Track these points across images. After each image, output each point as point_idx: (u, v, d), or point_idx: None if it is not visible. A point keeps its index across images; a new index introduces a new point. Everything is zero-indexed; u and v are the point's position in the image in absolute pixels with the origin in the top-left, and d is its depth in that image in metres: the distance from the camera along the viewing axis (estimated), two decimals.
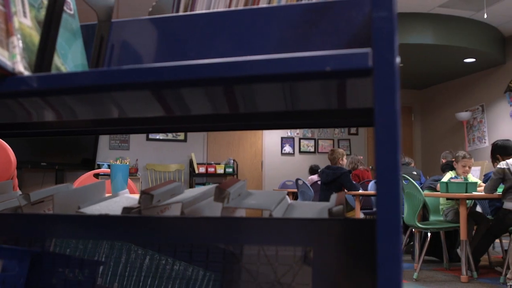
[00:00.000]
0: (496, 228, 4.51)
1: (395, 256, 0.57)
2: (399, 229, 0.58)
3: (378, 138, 0.59)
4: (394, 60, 0.59)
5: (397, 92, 0.59)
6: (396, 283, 0.57)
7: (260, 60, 0.62)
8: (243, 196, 1.05)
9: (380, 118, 0.59)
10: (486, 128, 8.93)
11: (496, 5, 6.99)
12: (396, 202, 0.58)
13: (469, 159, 5.04)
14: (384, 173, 0.59)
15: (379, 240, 0.58)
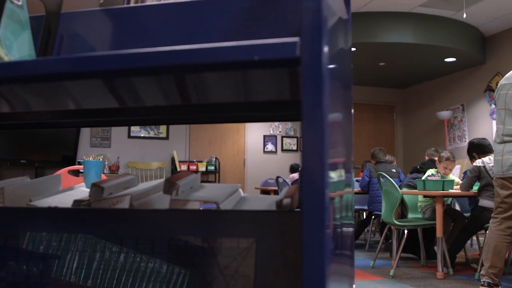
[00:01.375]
0: (472, 225, 4.56)
1: (319, 247, 0.57)
2: (324, 220, 0.58)
3: (305, 131, 0.59)
4: (322, 50, 0.59)
5: (324, 83, 0.59)
6: (319, 274, 0.57)
7: (186, 50, 0.62)
8: (195, 189, 1.05)
9: (307, 110, 0.59)
10: (466, 127, 9.01)
11: (476, 5, 7.05)
12: (321, 196, 0.58)
13: (452, 162, 5.08)
14: (311, 165, 0.59)
15: (305, 231, 0.58)
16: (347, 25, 1.01)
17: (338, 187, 0.75)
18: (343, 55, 0.91)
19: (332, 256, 0.66)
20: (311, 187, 0.58)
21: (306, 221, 0.58)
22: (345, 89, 0.95)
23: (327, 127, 0.59)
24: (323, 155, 0.58)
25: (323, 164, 0.58)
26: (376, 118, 10.79)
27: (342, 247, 0.83)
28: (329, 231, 0.60)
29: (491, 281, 3.60)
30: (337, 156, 0.75)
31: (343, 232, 0.86)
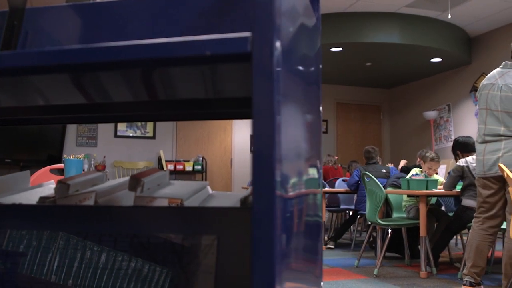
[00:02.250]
0: (455, 225, 4.59)
1: (268, 243, 0.57)
2: (273, 218, 0.58)
3: (255, 129, 0.59)
4: (273, 45, 0.59)
5: (275, 79, 0.59)
6: (268, 269, 0.57)
7: (138, 45, 0.62)
8: (162, 186, 1.04)
9: (257, 107, 0.59)
10: (452, 127, 9.07)
11: (461, 6, 7.09)
12: (271, 194, 0.58)
13: (436, 163, 5.10)
14: (260, 164, 0.58)
15: (254, 228, 0.58)
16: (314, 24, 1.01)
17: (297, 186, 0.75)
18: (307, 54, 0.91)
19: (287, 253, 0.66)
20: (260, 186, 0.58)
21: (255, 219, 0.58)
22: (310, 87, 0.95)
23: (277, 125, 0.59)
24: (273, 153, 0.58)
25: (273, 163, 0.58)
26: (363, 118, 10.83)
27: (303, 245, 0.83)
28: (278, 229, 0.59)
29: (473, 280, 3.62)
30: (297, 155, 0.75)
31: (306, 231, 0.86)
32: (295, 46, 0.76)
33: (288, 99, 0.69)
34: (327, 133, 10.42)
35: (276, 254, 0.57)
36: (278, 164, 0.59)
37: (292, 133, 0.72)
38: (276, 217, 0.58)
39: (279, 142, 0.60)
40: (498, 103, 3.43)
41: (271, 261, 0.57)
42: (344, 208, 7.21)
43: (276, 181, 0.58)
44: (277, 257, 0.58)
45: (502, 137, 3.38)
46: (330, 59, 8.49)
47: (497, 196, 3.51)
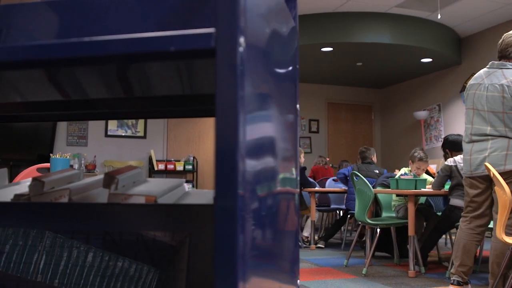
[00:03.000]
0: (443, 224, 4.61)
1: (230, 241, 0.57)
2: (235, 216, 0.57)
3: (217, 126, 0.59)
4: (237, 41, 0.59)
5: (239, 75, 0.59)
6: (230, 265, 0.57)
7: (100, 41, 0.62)
8: (138, 183, 1.04)
9: (219, 104, 0.59)
10: (442, 127, 9.10)
11: (450, 6, 7.12)
12: (233, 191, 0.57)
13: (425, 162, 5.12)
14: (222, 161, 0.58)
15: (215, 225, 0.58)
16: (289, 23, 1.01)
17: (266, 185, 0.74)
18: (281, 52, 0.91)
19: (253, 251, 0.66)
20: (222, 184, 0.58)
21: (216, 217, 0.58)
22: (285, 86, 0.95)
23: (241, 122, 0.59)
24: (236, 151, 0.58)
25: (235, 160, 0.58)
26: (354, 118, 10.86)
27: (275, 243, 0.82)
28: (241, 227, 0.59)
29: (461, 279, 3.64)
30: (267, 153, 0.74)
31: (279, 230, 0.86)
32: (265, 43, 0.76)
33: (256, 97, 0.69)
34: (318, 133, 10.43)
35: (238, 252, 0.57)
36: (241, 161, 0.58)
37: (261, 131, 0.72)
38: (239, 215, 0.58)
39: (243, 140, 0.59)
40: (485, 103, 3.45)
41: (233, 259, 0.57)
42: (335, 208, 7.22)
43: (239, 178, 0.58)
44: (240, 255, 0.58)
45: (489, 136, 3.40)
46: (321, 59, 8.50)
47: (484, 196, 3.53)
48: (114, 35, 0.63)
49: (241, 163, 0.59)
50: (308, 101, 10.36)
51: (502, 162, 3.30)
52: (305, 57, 8.40)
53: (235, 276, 0.57)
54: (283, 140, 0.89)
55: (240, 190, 0.58)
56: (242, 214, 0.59)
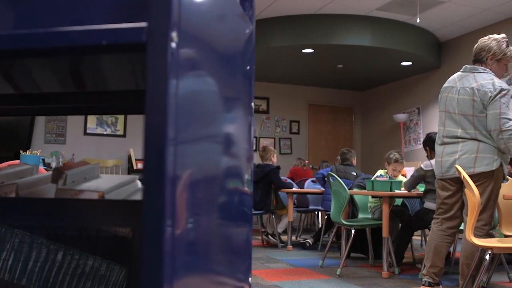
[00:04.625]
0: (415, 224, 4.66)
1: (157, 237, 0.57)
2: (163, 212, 0.57)
3: (146, 123, 0.59)
4: (168, 36, 0.59)
5: (170, 71, 0.59)
6: (156, 258, 0.57)
7: (34, 34, 0.61)
8: (89, 179, 1.04)
9: (150, 99, 0.59)
10: (421, 130, 9.18)
11: (430, 11, 7.19)
12: (160, 189, 0.57)
13: (400, 164, 5.16)
14: (151, 158, 0.58)
15: (144, 221, 0.58)
16: (243, 22, 1.01)
17: (205, 184, 0.75)
18: (232, 50, 0.91)
19: (187, 248, 0.66)
20: (150, 181, 0.58)
21: (143, 214, 0.58)
22: (236, 84, 0.95)
23: (170, 120, 0.59)
24: (164, 150, 0.58)
25: (163, 159, 0.58)
26: (334, 120, 10.91)
27: (219, 241, 0.83)
28: (169, 224, 0.59)
29: (432, 280, 3.67)
30: (204, 151, 0.74)
31: (222, 228, 0.86)
32: (209, 40, 0.76)
33: (194, 94, 0.69)
34: (299, 134, 10.47)
35: (165, 249, 0.57)
36: (170, 159, 0.58)
37: (199, 128, 0.72)
38: (167, 212, 0.58)
39: (174, 138, 0.59)
40: (456, 105, 3.49)
41: (159, 255, 0.57)
42: (313, 209, 7.25)
43: (167, 176, 0.58)
44: (167, 252, 0.58)
45: (459, 139, 3.45)
46: (302, 60, 8.53)
47: (455, 198, 3.57)
48: (46, 28, 0.62)
49: (170, 161, 0.58)
50: (289, 102, 10.39)
51: (472, 164, 3.35)
52: (286, 58, 8.42)
53: (161, 273, 0.57)
54: (230, 138, 0.90)
55: (168, 187, 0.58)
56: (171, 211, 0.59)
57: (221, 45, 0.84)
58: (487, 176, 3.35)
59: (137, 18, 0.62)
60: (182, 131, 0.63)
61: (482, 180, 3.33)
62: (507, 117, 3.32)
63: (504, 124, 3.30)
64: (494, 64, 3.50)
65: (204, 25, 0.73)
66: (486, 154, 3.34)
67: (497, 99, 3.33)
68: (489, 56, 3.49)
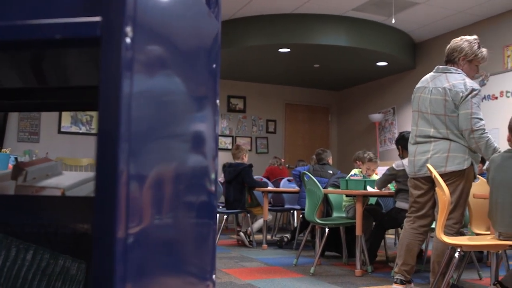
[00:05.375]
0: (388, 223, 4.71)
1: (109, 231, 0.57)
2: (115, 209, 0.57)
3: (99, 120, 0.58)
4: (123, 30, 0.59)
5: (123, 66, 0.58)
6: (108, 252, 0.56)
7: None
8: (51, 176, 1.02)
9: (103, 95, 0.58)
10: (396, 130, 9.27)
11: (405, 12, 7.27)
12: (112, 188, 0.57)
13: (374, 163, 5.21)
14: (103, 155, 0.58)
15: (96, 216, 0.57)
16: (207, 20, 1.01)
17: (164, 183, 0.74)
18: (194, 47, 0.91)
19: (143, 245, 0.66)
20: (102, 180, 0.57)
21: (95, 211, 0.57)
22: (198, 81, 0.95)
23: (123, 117, 0.58)
24: (116, 146, 0.57)
25: (115, 156, 0.57)
26: (311, 119, 10.95)
27: (179, 239, 0.82)
28: (123, 221, 0.58)
29: (404, 278, 3.72)
30: (165, 150, 0.74)
31: (183, 225, 0.85)
32: (169, 37, 0.75)
33: (152, 90, 0.69)
34: (275, 133, 10.49)
35: (117, 245, 0.57)
36: (123, 156, 0.58)
37: (158, 125, 0.72)
38: (118, 209, 0.57)
39: (127, 135, 0.59)
40: (428, 105, 3.54)
41: (110, 254, 0.56)
42: (288, 208, 7.27)
43: (119, 172, 0.57)
44: (119, 251, 0.57)
45: (432, 138, 3.49)
46: (278, 59, 8.55)
47: (427, 196, 3.61)
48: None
49: (122, 158, 0.58)
50: (265, 101, 10.40)
51: (443, 163, 3.39)
52: (262, 57, 8.43)
53: (113, 271, 0.56)
54: (192, 135, 0.89)
55: (120, 184, 0.58)
56: (125, 209, 0.59)
57: (182, 41, 0.84)
58: (458, 175, 3.40)
59: (93, 12, 0.62)
60: (137, 127, 0.63)
61: (453, 179, 3.39)
62: (478, 117, 3.38)
63: (475, 124, 3.35)
64: (466, 65, 3.55)
65: (163, 21, 0.73)
66: (457, 153, 3.39)
67: (469, 99, 3.38)
68: (461, 57, 3.55)
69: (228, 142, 9.98)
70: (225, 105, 10.06)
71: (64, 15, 0.62)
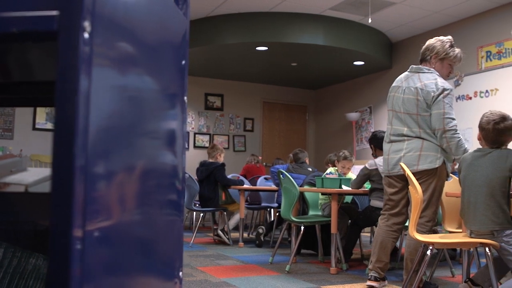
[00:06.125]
0: (362, 222, 4.75)
1: (64, 229, 0.56)
2: (70, 205, 0.56)
3: (56, 117, 0.57)
4: (80, 25, 0.58)
5: (81, 61, 0.58)
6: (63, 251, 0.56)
7: None
8: (15, 172, 1.01)
9: (60, 91, 0.57)
10: (373, 129, 9.34)
11: (382, 11, 7.33)
12: (68, 184, 0.56)
13: (349, 161, 5.24)
14: (59, 152, 0.57)
15: (51, 214, 0.56)
16: (174, 16, 1.00)
17: (126, 179, 0.74)
18: (158, 43, 0.91)
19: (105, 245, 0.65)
20: (58, 177, 0.57)
21: (53, 208, 0.56)
22: (164, 77, 0.94)
23: (81, 113, 0.57)
24: (73, 142, 0.56)
25: (71, 152, 0.56)
26: (288, 118, 10.98)
27: (140, 237, 0.82)
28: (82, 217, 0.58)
29: (378, 275, 3.75)
30: (122, 146, 0.73)
31: (147, 223, 0.85)
32: (131, 32, 0.75)
33: (113, 86, 0.68)
34: (253, 132, 10.49)
35: (73, 243, 0.56)
36: (80, 152, 0.57)
37: (121, 121, 0.71)
38: (75, 207, 0.57)
39: (86, 130, 0.58)
40: (401, 105, 3.58)
41: (65, 249, 0.56)
42: (265, 206, 7.28)
43: (76, 171, 0.57)
44: (75, 249, 0.56)
45: (405, 137, 3.53)
46: (256, 58, 8.55)
47: (401, 194, 3.65)
48: None
49: (79, 154, 0.57)
50: (243, 99, 10.40)
51: (415, 162, 3.43)
52: (240, 55, 8.43)
53: (69, 269, 0.56)
54: (157, 131, 0.89)
55: (77, 182, 0.57)
56: (82, 206, 0.58)
57: (147, 37, 0.83)
58: (430, 173, 3.44)
59: (51, 6, 0.61)
60: (97, 123, 0.62)
61: (425, 177, 3.43)
62: (450, 116, 3.42)
63: (447, 124, 3.40)
64: (438, 63, 3.60)
65: (126, 16, 0.72)
66: (429, 152, 3.44)
67: (440, 99, 3.42)
68: (433, 55, 3.59)
69: (206, 140, 9.96)
70: (203, 103, 10.03)
71: (21, 8, 0.61)
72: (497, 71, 6.94)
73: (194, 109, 9.91)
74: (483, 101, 7.10)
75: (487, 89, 7.08)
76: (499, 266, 3.07)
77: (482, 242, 2.95)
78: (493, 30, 7.05)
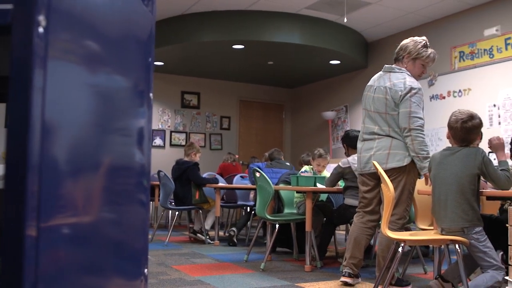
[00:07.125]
0: (337, 220, 4.78)
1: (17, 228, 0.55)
2: (24, 199, 0.56)
3: (8, 114, 0.56)
4: (34, 19, 0.57)
5: (35, 57, 0.57)
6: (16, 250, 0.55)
7: None
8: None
9: (13, 88, 0.57)
10: (349, 128, 9.41)
11: (357, 11, 7.38)
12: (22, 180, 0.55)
13: (324, 159, 5.27)
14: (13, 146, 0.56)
15: (4, 212, 0.56)
16: (138, 12, 0.99)
17: (85, 176, 0.73)
18: (121, 39, 0.90)
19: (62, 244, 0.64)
20: (11, 173, 0.56)
21: (6, 204, 0.56)
22: (126, 75, 0.94)
23: (34, 109, 0.56)
24: (26, 139, 0.56)
25: (25, 149, 0.56)
26: (265, 116, 11.00)
27: (101, 235, 0.81)
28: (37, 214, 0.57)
29: (352, 271, 3.79)
30: (79, 143, 0.72)
31: (108, 220, 0.84)
32: (91, 28, 0.74)
33: (70, 82, 0.67)
34: (230, 130, 10.48)
35: (26, 242, 0.55)
36: (34, 148, 0.56)
37: (79, 117, 0.70)
38: (29, 202, 0.56)
39: (41, 126, 0.57)
40: (371, 103, 3.63)
41: (18, 249, 0.55)
42: (241, 204, 7.28)
43: (29, 166, 0.56)
44: (28, 247, 0.56)
45: (376, 135, 3.58)
46: (232, 56, 8.54)
47: (373, 192, 3.69)
48: None
49: (33, 151, 0.56)
50: (220, 98, 10.38)
51: (384, 160, 3.47)
52: (216, 53, 8.40)
53: (21, 268, 0.55)
54: (118, 129, 0.88)
55: (30, 179, 0.56)
56: (36, 203, 0.57)
57: (109, 33, 0.83)
58: (399, 171, 3.48)
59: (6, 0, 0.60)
60: (53, 120, 0.61)
61: (394, 175, 3.46)
62: (417, 115, 3.46)
63: (413, 123, 3.44)
64: (410, 63, 3.64)
65: (85, 10, 0.71)
66: (398, 150, 3.48)
67: (408, 98, 3.47)
68: (405, 55, 3.64)
69: (182, 138, 9.92)
70: (179, 101, 9.98)
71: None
72: (470, 71, 7.04)
73: (171, 107, 9.85)
74: (456, 101, 7.20)
75: (460, 89, 7.18)
76: (469, 263, 3.12)
77: (453, 239, 2.99)
78: (466, 31, 7.15)
